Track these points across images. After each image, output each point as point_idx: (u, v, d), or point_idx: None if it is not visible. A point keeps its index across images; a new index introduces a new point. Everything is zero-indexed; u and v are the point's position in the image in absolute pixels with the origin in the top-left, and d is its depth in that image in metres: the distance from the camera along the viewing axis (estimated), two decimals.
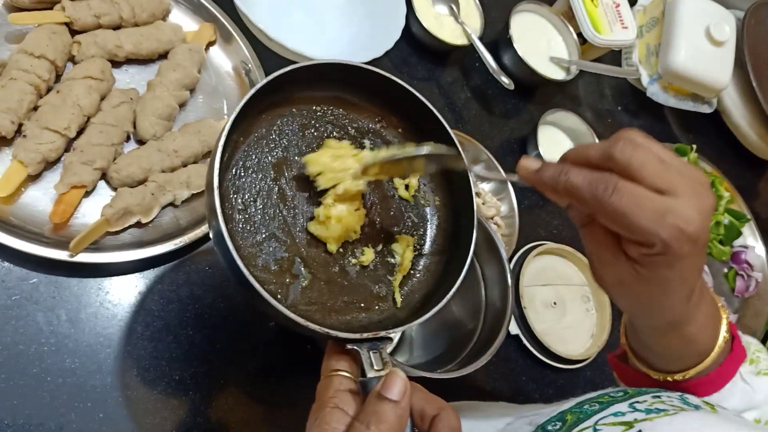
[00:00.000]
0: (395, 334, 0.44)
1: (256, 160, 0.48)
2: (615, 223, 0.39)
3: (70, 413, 0.59)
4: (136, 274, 0.66)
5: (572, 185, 0.40)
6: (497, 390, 0.83)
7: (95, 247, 0.63)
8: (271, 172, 0.48)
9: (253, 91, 0.45)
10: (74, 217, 0.65)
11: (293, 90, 0.50)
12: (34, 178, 0.64)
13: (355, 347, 0.43)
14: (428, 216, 0.55)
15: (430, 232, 0.54)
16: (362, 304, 0.49)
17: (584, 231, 0.44)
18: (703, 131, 1.28)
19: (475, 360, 0.63)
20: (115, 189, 0.66)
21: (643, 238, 0.38)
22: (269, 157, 0.49)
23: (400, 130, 0.55)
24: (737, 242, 1.17)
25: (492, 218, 0.91)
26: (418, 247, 0.53)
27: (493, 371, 0.84)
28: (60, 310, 0.62)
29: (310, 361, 0.72)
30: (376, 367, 0.42)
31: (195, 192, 0.69)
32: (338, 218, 0.48)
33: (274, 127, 0.50)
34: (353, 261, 0.50)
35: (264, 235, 0.46)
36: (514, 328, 0.86)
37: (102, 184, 0.67)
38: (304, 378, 0.71)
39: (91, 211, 0.65)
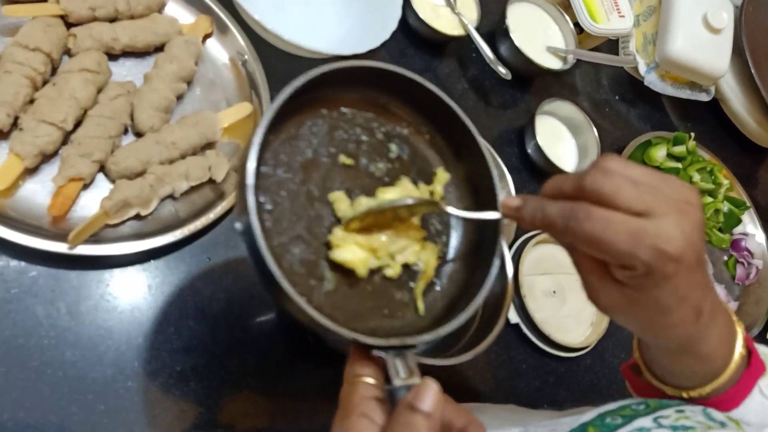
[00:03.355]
0: (422, 343, 0.44)
1: (286, 159, 0.47)
2: (593, 250, 0.39)
3: (71, 406, 0.59)
4: (136, 267, 0.66)
5: (548, 218, 0.41)
6: (497, 378, 0.83)
7: (94, 239, 0.63)
8: (300, 173, 0.48)
9: (289, 90, 0.44)
10: (73, 210, 0.65)
11: (324, 90, 0.49)
12: (31, 171, 0.64)
13: (381, 354, 0.42)
14: (452, 224, 0.54)
15: (455, 240, 0.54)
16: (386, 311, 0.48)
17: (573, 258, 0.44)
18: (702, 119, 1.28)
19: (474, 347, 0.63)
20: (113, 181, 0.66)
21: (623, 261, 0.38)
22: (299, 158, 0.48)
23: (427, 137, 0.54)
24: (737, 230, 1.17)
25: None
26: (442, 255, 0.52)
27: (493, 359, 0.84)
28: (60, 303, 0.62)
29: (312, 352, 0.72)
30: (402, 375, 0.41)
31: (194, 184, 0.69)
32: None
33: (303, 128, 0.49)
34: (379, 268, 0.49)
35: (291, 236, 0.46)
36: (513, 317, 0.86)
37: (101, 176, 0.67)
38: (306, 368, 0.71)
39: (90, 204, 0.65)
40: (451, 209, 0.48)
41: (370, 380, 0.41)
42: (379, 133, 0.52)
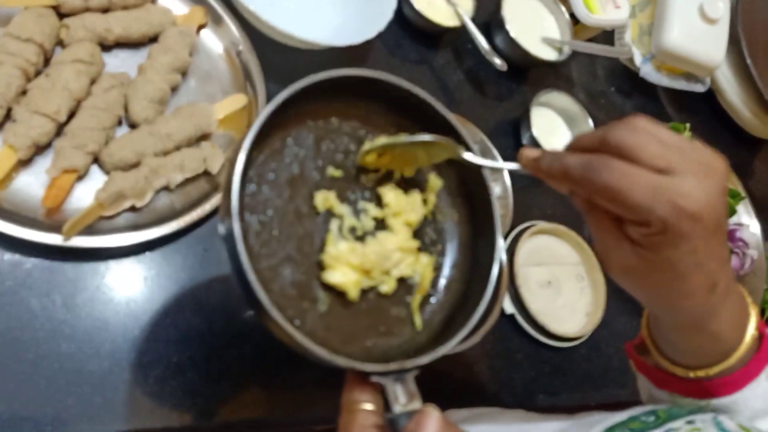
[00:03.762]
0: (420, 365, 0.43)
1: (272, 177, 0.45)
2: (609, 202, 0.39)
3: (68, 398, 0.59)
4: (132, 258, 0.66)
5: (565, 168, 0.40)
6: (493, 368, 0.84)
7: (89, 231, 0.63)
8: (287, 190, 0.46)
9: (272, 106, 0.43)
10: (68, 202, 0.64)
11: (307, 102, 0.47)
12: (25, 163, 0.64)
13: (380, 380, 0.41)
14: (447, 232, 0.52)
15: (450, 249, 0.52)
16: (382, 328, 0.47)
17: (588, 217, 0.44)
18: (697, 110, 1.28)
19: (470, 336, 0.63)
20: (108, 173, 0.66)
21: (639, 216, 0.38)
22: (285, 173, 0.46)
23: None
24: (732, 220, 1.18)
25: None
26: (438, 265, 0.51)
27: (489, 350, 0.84)
28: (55, 296, 0.62)
29: None
30: (401, 401, 0.40)
31: (189, 176, 0.69)
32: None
33: (288, 140, 0.47)
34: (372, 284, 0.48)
35: (280, 258, 0.44)
36: (509, 308, 0.86)
37: (95, 168, 0.67)
38: (304, 360, 0.71)
39: (84, 196, 0.65)
40: (468, 155, 0.46)
41: (369, 406, 0.40)
42: (367, 141, 0.51)
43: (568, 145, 0.43)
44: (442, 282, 0.51)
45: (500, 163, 0.49)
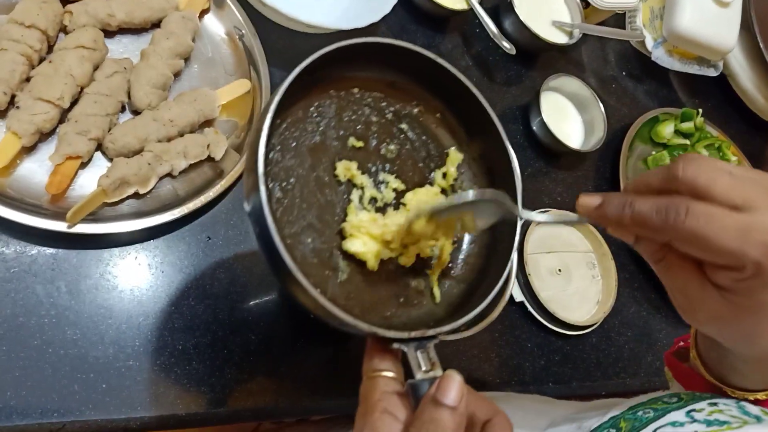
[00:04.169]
0: (442, 333, 0.42)
1: (294, 144, 0.45)
2: (695, 249, 0.36)
3: (73, 384, 0.59)
4: (136, 245, 0.66)
5: (640, 215, 0.37)
6: (502, 356, 0.83)
7: (93, 218, 0.62)
8: (309, 158, 0.46)
9: (296, 71, 0.42)
10: (71, 188, 0.64)
11: (330, 70, 0.47)
12: (29, 150, 0.64)
13: (401, 347, 0.40)
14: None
15: None
16: (401, 299, 0.47)
17: (660, 267, 0.41)
18: (710, 95, 1.26)
19: (478, 323, 0.62)
20: (111, 160, 0.66)
21: (731, 261, 0.35)
22: (307, 142, 0.46)
23: (437, 115, 0.52)
24: None
25: None
26: (456, 239, 0.51)
27: (498, 338, 0.83)
28: (60, 282, 0.62)
29: (314, 331, 0.72)
30: (423, 368, 0.39)
31: (192, 162, 0.68)
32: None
33: (311, 110, 0.47)
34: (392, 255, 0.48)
35: (302, 226, 0.44)
36: (518, 295, 0.85)
37: (98, 155, 0.66)
38: (308, 348, 0.70)
39: (88, 183, 0.64)
40: (526, 213, 0.44)
41: (390, 374, 0.40)
42: (389, 112, 0.51)
43: (630, 187, 0.40)
44: (461, 256, 0.51)
45: (562, 216, 0.47)
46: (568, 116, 1.03)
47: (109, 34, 0.71)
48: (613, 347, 0.92)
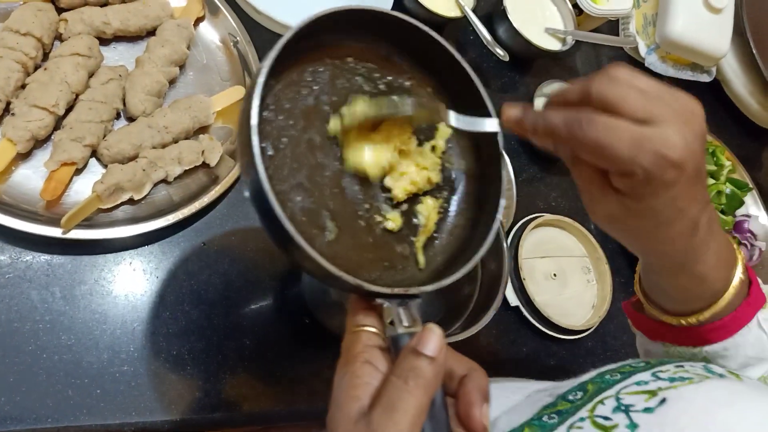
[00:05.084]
0: (424, 293, 0.43)
1: (287, 106, 0.47)
2: (594, 156, 0.39)
3: (67, 390, 0.59)
4: (131, 251, 0.66)
5: (550, 126, 0.40)
6: (498, 362, 0.83)
7: (88, 224, 0.63)
8: (302, 120, 0.47)
9: (290, 33, 0.43)
10: (66, 195, 0.64)
11: (326, 37, 0.48)
12: (24, 156, 0.64)
13: (384, 302, 0.42)
14: (454, 179, 0.53)
15: (456, 195, 0.53)
16: (386, 263, 0.48)
17: (573, 169, 0.45)
18: (703, 101, 1.21)
19: (473, 324, 0.62)
20: (106, 166, 0.66)
21: (624, 167, 0.38)
22: (300, 105, 0.47)
23: (429, 89, 0.53)
24: (740, 211, 1.16)
25: None
26: (442, 210, 0.52)
27: (494, 343, 0.83)
28: (54, 288, 0.62)
29: (309, 336, 0.72)
30: (405, 323, 0.40)
31: (187, 168, 0.69)
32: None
33: (306, 74, 0.48)
34: (378, 219, 0.49)
35: (292, 184, 0.45)
36: (514, 300, 0.85)
37: (93, 161, 0.67)
38: (303, 352, 0.70)
39: (83, 189, 0.65)
40: (452, 119, 0.47)
41: (373, 329, 0.41)
42: (381, 83, 0.51)
43: (550, 100, 0.43)
44: (447, 226, 0.52)
45: (481, 124, 0.48)
46: None
47: (104, 41, 0.72)
48: (609, 351, 0.92)
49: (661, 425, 0.40)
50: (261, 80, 0.41)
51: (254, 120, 0.40)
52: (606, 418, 0.43)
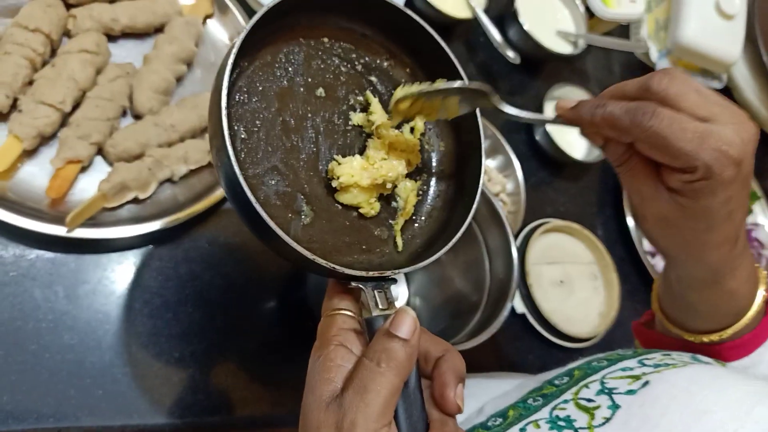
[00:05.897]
0: (401, 276, 0.42)
1: (261, 88, 0.46)
2: (655, 148, 0.40)
3: (69, 389, 0.59)
4: (134, 251, 0.66)
5: (611, 115, 0.41)
6: (503, 368, 0.82)
7: (92, 223, 0.62)
8: (276, 103, 0.46)
9: (263, 10, 0.42)
10: (72, 193, 0.64)
11: (301, 16, 0.47)
12: (30, 153, 0.64)
13: (360, 285, 0.41)
14: (433, 161, 0.53)
15: (435, 178, 0.53)
16: (363, 246, 0.47)
17: (622, 169, 0.45)
18: None
19: (480, 333, 0.61)
20: (111, 164, 0.65)
21: (685, 162, 0.39)
22: (274, 87, 0.46)
23: (408, 70, 0.53)
24: (747, 220, 1.15)
25: (498, 195, 0.89)
26: (421, 192, 0.51)
27: (499, 350, 0.83)
28: (58, 287, 0.61)
29: (311, 339, 0.71)
30: (381, 306, 0.40)
31: (193, 167, 0.68)
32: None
33: (280, 56, 0.47)
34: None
35: (266, 168, 0.44)
36: (520, 307, 0.84)
37: (99, 160, 0.66)
38: (305, 356, 0.69)
39: (88, 187, 0.64)
40: (507, 107, 0.46)
41: (348, 313, 0.41)
42: (359, 64, 0.51)
43: (606, 94, 0.44)
44: (425, 209, 0.51)
45: (537, 115, 0.48)
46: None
47: (112, 38, 0.71)
48: None
49: (642, 405, 0.40)
50: (230, 60, 0.40)
51: (224, 102, 0.39)
52: (589, 400, 0.44)
